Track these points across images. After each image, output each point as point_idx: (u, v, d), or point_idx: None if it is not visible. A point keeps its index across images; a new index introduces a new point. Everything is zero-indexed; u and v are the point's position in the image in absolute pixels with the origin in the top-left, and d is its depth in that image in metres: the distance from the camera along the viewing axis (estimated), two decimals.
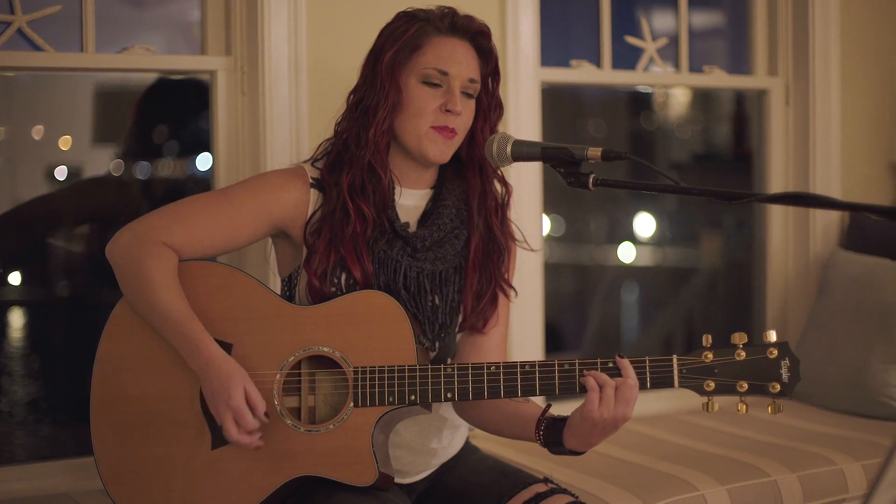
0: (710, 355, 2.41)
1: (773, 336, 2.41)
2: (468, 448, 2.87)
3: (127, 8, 3.54)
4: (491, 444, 3.40)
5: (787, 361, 2.39)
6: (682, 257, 5.17)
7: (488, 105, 2.71)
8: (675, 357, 2.43)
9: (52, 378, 3.60)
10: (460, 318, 2.72)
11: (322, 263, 2.56)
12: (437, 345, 2.66)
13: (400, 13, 2.69)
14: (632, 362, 2.42)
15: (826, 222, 4.30)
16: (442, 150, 2.61)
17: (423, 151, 2.60)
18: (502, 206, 2.77)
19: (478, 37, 2.67)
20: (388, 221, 2.60)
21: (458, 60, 2.61)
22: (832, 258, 4.17)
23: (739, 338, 2.41)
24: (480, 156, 2.67)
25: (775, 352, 2.39)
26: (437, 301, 2.64)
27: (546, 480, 2.69)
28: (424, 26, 2.62)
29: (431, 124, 2.59)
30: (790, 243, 4.38)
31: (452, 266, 2.67)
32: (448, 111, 2.58)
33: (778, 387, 2.39)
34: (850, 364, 3.88)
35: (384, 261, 2.59)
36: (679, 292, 5.12)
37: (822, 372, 3.93)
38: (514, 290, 2.80)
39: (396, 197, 2.64)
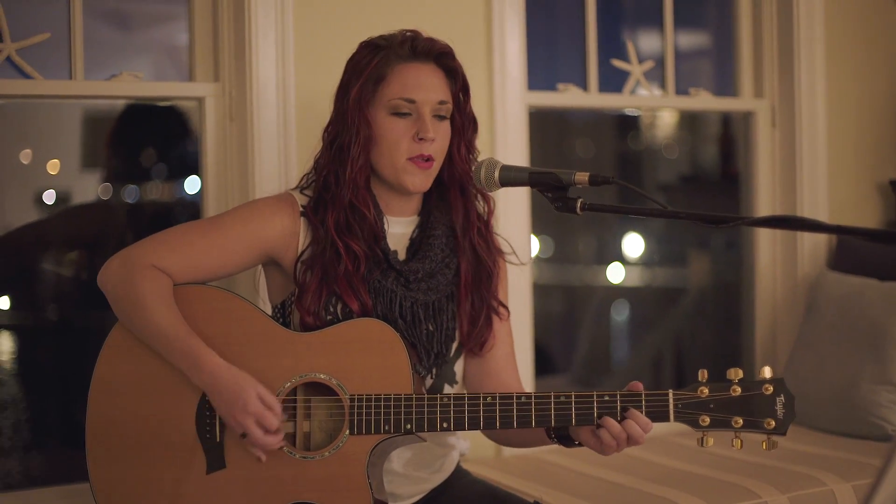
0: (706, 390, 2.40)
1: (768, 372, 2.41)
2: (459, 472, 2.86)
3: (115, 33, 3.55)
4: (481, 468, 3.41)
5: (783, 398, 2.39)
6: (671, 278, 5.18)
7: (462, 123, 2.69)
8: (670, 392, 2.42)
9: (41, 403, 3.59)
10: (456, 344, 2.72)
11: (314, 302, 2.56)
12: (433, 372, 2.66)
13: (362, 43, 2.69)
14: (628, 396, 2.42)
15: (814, 243, 4.31)
16: (421, 181, 2.61)
17: (401, 184, 2.60)
18: (485, 224, 2.76)
19: (441, 57, 2.66)
20: (381, 252, 2.61)
21: (424, 85, 2.61)
22: (820, 279, 4.18)
23: (735, 373, 2.41)
24: (460, 175, 2.67)
25: (770, 388, 2.39)
26: (431, 328, 2.64)
27: None
28: (387, 55, 2.61)
29: (407, 156, 2.59)
30: (778, 264, 4.40)
31: (445, 295, 2.67)
32: (421, 139, 2.58)
33: (773, 423, 2.39)
34: (839, 384, 3.89)
35: (380, 291, 2.60)
36: (668, 313, 5.13)
37: (811, 392, 3.94)
38: (507, 310, 2.80)
39: (385, 226, 2.64)
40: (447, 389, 2.72)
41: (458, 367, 2.75)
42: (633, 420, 2.41)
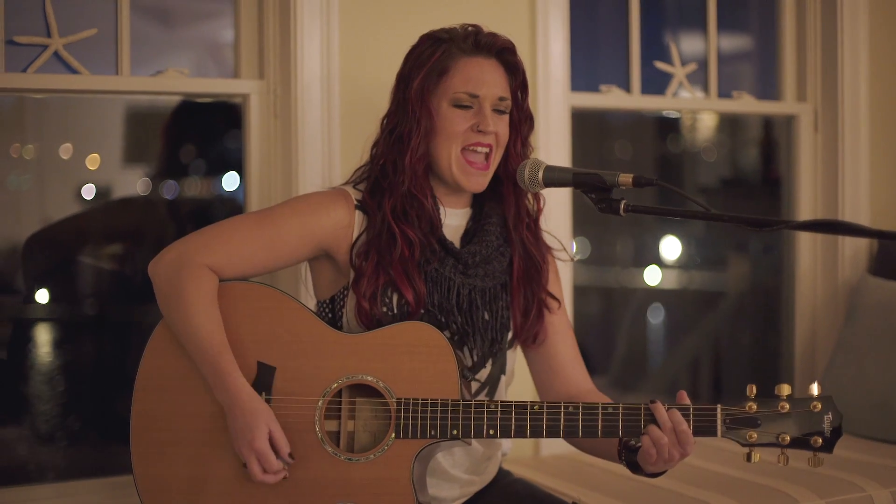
0: (755, 406, 2.40)
1: (816, 389, 2.40)
2: (500, 472, 2.87)
3: (160, 30, 3.57)
4: (521, 468, 3.41)
5: (830, 416, 2.38)
6: (709, 281, 5.16)
7: (518, 118, 2.72)
8: (719, 407, 2.42)
9: (80, 396, 3.61)
10: (510, 335, 2.73)
11: (371, 286, 2.57)
12: (489, 361, 2.67)
13: (423, 36, 2.70)
14: (676, 409, 2.41)
15: (855, 248, 4.29)
16: (477, 181, 2.63)
17: (456, 181, 2.62)
18: (534, 221, 2.78)
19: (503, 53, 2.68)
20: (437, 242, 2.61)
21: (486, 80, 2.62)
22: (861, 284, 4.16)
23: (784, 389, 2.41)
24: (514, 170, 2.67)
25: (819, 405, 2.38)
26: (486, 317, 2.65)
27: None
28: (449, 48, 2.63)
29: (463, 144, 2.60)
30: (819, 269, 4.38)
31: (500, 283, 2.69)
32: (480, 131, 2.60)
33: (820, 441, 2.38)
34: (879, 390, 3.87)
35: (437, 280, 2.61)
36: (706, 316, 5.11)
37: (850, 398, 3.92)
38: (558, 301, 2.79)
39: (442, 217, 2.65)
40: (501, 379, 2.73)
41: (510, 358, 2.76)
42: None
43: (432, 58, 2.63)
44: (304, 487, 2.49)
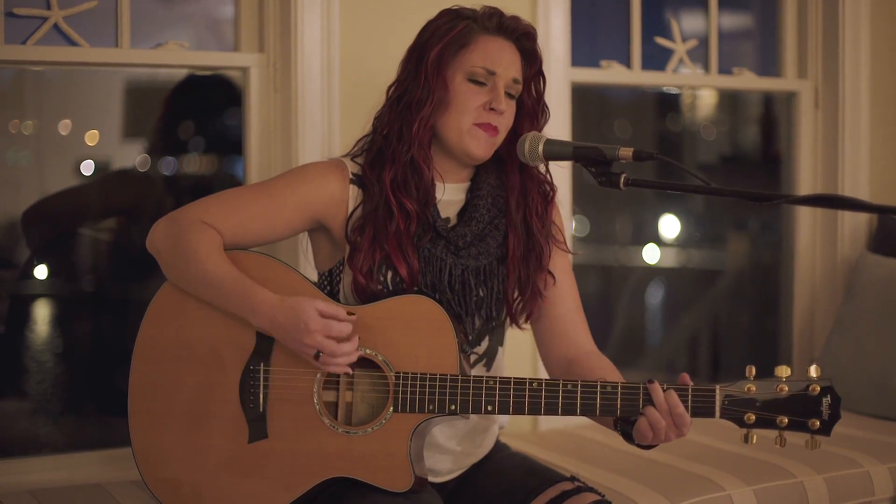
0: (753, 388, 2.39)
1: (814, 371, 2.39)
2: (498, 446, 2.87)
3: (160, 4, 3.56)
4: (519, 442, 3.41)
5: (829, 399, 2.37)
6: (708, 259, 5.15)
7: (534, 108, 2.70)
8: (718, 387, 2.41)
9: (78, 370, 3.61)
10: (504, 310, 2.72)
11: (367, 261, 2.55)
12: (486, 336, 2.67)
13: (444, 10, 2.68)
14: (675, 389, 2.40)
15: (854, 225, 4.30)
16: (485, 148, 2.60)
17: (465, 148, 2.60)
18: (546, 208, 2.75)
19: (523, 38, 2.67)
20: (430, 219, 2.60)
21: (505, 60, 2.61)
22: (860, 261, 4.16)
23: (783, 371, 2.40)
24: None
25: (818, 388, 2.36)
26: (481, 293, 2.64)
27: (573, 479, 2.70)
28: (471, 24, 2.62)
29: (475, 121, 2.58)
30: (818, 246, 4.38)
31: (496, 258, 2.66)
32: (492, 109, 2.58)
33: (818, 423, 2.36)
34: (877, 367, 3.88)
35: (429, 260, 2.59)
36: (704, 295, 5.11)
37: (848, 375, 3.92)
38: (553, 277, 2.75)
39: (438, 194, 2.63)
40: (498, 350, 2.73)
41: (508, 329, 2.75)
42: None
43: (453, 31, 2.61)
44: (302, 459, 2.49)
